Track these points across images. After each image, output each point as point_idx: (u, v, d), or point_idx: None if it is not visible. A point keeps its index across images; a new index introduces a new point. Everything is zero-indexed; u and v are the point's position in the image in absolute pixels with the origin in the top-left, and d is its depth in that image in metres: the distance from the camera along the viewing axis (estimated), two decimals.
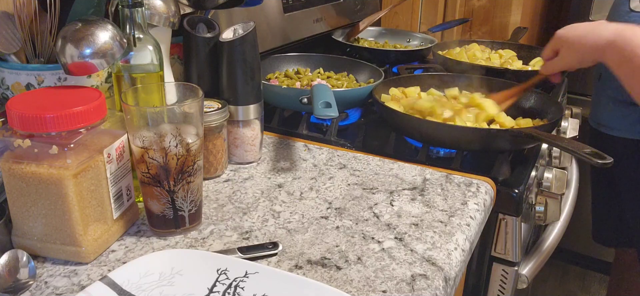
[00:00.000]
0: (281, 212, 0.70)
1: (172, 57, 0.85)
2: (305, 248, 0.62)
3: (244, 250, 0.61)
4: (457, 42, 1.44)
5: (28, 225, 0.58)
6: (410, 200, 0.73)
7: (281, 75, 1.11)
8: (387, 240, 0.64)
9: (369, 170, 0.82)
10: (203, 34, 0.80)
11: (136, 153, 0.60)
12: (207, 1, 0.81)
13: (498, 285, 0.87)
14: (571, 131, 1.22)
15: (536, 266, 0.93)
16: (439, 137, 0.87)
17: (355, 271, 0.58)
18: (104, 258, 0.60)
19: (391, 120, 0.92)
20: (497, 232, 0.83)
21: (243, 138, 0.82)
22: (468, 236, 0.67)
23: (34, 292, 0.54)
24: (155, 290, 0.53)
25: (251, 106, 0.81)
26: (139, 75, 0.66)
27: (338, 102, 0.79)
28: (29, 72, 0.65)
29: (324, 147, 0.90)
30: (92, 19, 0.61)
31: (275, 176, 0.80)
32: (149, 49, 0.66)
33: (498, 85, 1.06)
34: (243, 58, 0.78)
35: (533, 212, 0.94)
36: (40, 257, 0.59)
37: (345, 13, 1.46)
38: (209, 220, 0.68)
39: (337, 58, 1.18)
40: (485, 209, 0.74)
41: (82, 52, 0.59)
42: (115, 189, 0.61)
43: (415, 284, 0.57)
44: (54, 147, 0.54)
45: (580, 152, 0.72)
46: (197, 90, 0.64)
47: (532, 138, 0.81)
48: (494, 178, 0.80)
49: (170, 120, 0.60)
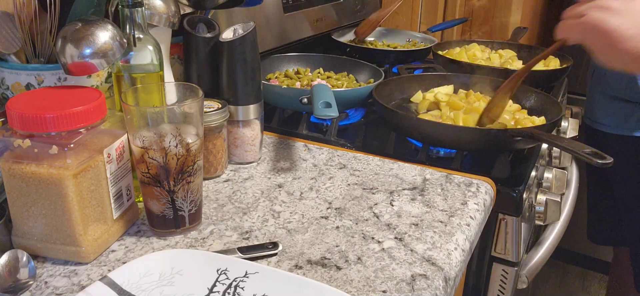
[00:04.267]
0: (281, 212, 0.70)
1: (172, 57, 0.85)
2: (305, 248, 0.62)
3: (244, 250, 0.61)
4: (457, 42, 1.44)
5: (28, 225, 0.58)
6: (410, 200, 0.73)
7: (281, 75, 1.11)
8: (387, 240, 0.64)
9: (369, 170, 0.82)
10: (203, 34, 0.80)
11: (136, 153, 0.60)
12: (207, 1, 0.81)
13: (498, 285, 0.87)
14: (571, 131, 1.23)
15: (536, 266, 0.93)
16: (439, 137, 0.87)
17: (355, 271, 0.58)
18: (104, 258, 0.60)
19: (391, 120, 0.92)
20: (497, 232, 0.83)
21: (243, 138, 0.82)
22: (468, 236, 0.67)
23: (34, 292, 0.54)
24: (155, 290, 0.53)
25: (251, 106, 0.81)
26: (139, 75, 0.66)
27: (338, 102, 0.79)
28: (29, 72, 0.65)
29: (324, 147, 0.90)
30: (92, 19, 0.61)
31: (275, 176, 0.80)
32: (149, 49, 0.66)
33: (498, 85, 1.06)
34: (243, 58, 0.78)
35: (533, 211, 0.94)
36: (40, 257, 0.59)
37: (345, 13, 1.46)
38: (209, 220, 0.68)
39: (337, 58, 1.18)
40: (485, 209, 0.74)
41: (82, 52, 0.59)
42: (115, 189, 0.61)
43: (415, 284, 0.57)
44: (54, 147, 0.54)
45: (580, 152, 0.72)
46: (197, 90, 0.64)
47: (532, 138, 0.81)
48: (494, 178, 0.80)
49: (170, 120, 0.60)
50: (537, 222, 0.96)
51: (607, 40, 0.66)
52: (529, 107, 1.01)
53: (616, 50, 0.66)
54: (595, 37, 0.67)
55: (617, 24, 0.65)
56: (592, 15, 0.66)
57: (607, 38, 0.66)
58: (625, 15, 0.65)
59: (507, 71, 1.20)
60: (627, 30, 0.64)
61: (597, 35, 0.67)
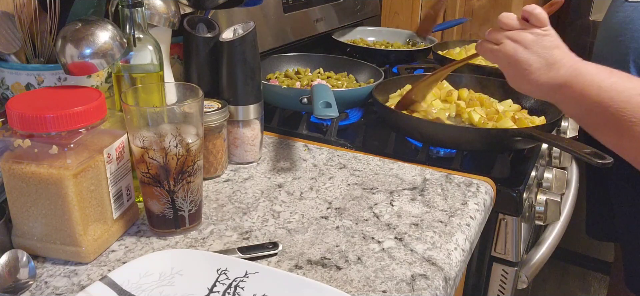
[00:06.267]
0: (281, 212, 0.70)
1: (172, 57, 0.85)
2: (305, 248, 0.62)
3: (244, 250, 0.61)
4: (457, 42, 1.44)
5: (28, 225, 0.58)
6: (410, 200, 0.73)
7: (281, 75, 1.11)
8: (387, 240, 0.64)
9: (369, 170, 0.82)
10: (203, 34, 0.80)
11: (136, 153, 0.60)
12: (207, 1, 0.81)
13: (498, 285, 0.87)
14: (571, 131, 1.22)
15: (536, 266, 0.93)
16: (439, 137, 0.87)
17: (355, 271, 0.58)
18: (104, 258, 0.60)
19: (391, 120, 0.92)
20: (497, 232, 0.83)
21: (243, 138, 0.82)
22: (468, 236, 0.67)
23: (34, 292, 0.54)
24: (155, 290, 0.53)
25: (251, 106, 0.81)
26: (139, 75, 0.66)
27: (338, 102, 0.79)
28: (29, 72, 0.65)
29: (324, 147, 0.90)
30: (92, 19, 0.61)
31: (275, 176, 0.80)
32: (149, 49, 0.66)
33: (497, 84, 1.06)
34: (243, 58, 0.78)
35: (533, 211, 0.94)
36: (40, 257, 0.59)
37: (345, 13, 1.46)
38: (209, 220, 0.68)
39: (337, 58, 1.18)
40: (485, 209, 0.74)
41: (82, 52, 0.59)
42: (115, 189, 0.61)
43: (415, 284, 0.57)
44: (54, 147, 0.54)
45: (580, 152, 0.72)
46: (197, 90, 0.64)
47: (532, 138, 0.81)
48: (494, 178, 0.80)
49: (170, 120, 0.60)
50: (537, 222, 0.96)
51: (517, 71, 0.74)
52: (529, 107, 1.01)
53: (524, 80, 0.74)
54: (507, 66, 0.75)
55: (526, 57, 0.72)
56: (507, 45, 0.73)
57: (517, 68, 0.73)
58: (534, 50, 0.72)
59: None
60: (534, 64, 0.72)
61: (509, 65, 0.74)
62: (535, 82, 0.73)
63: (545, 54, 0.72)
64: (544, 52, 0.72)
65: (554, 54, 0.72)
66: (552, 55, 0.72)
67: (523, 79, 0.74)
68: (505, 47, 0.74)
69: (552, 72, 0.71)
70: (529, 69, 0.72)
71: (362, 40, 1.49)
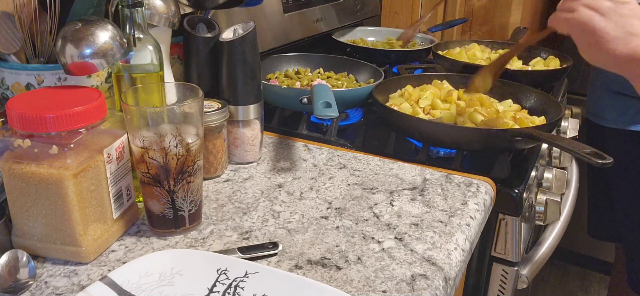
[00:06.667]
0: (281, 212, 0.70)
1: (172, 57, 0.85)
2: (305, 248, 0.62)
3: (244, 250, 0.61)
4: (457, 42, 1.44)
5: (28, 225, 0.58)
6: (410, 200, 0.73)
7: (281, 75, 1.11)
8: (387, 240, 0.64)
9: (369, 170, 0.82)
10: (203, 34, 0.80)
11: (136, 153, 0.60)
12: (207, 1, 0.81)
13: (498, 285, 0.87)
14: (571, 131, 1.22)
15: (536, 266, 0.93)
16: (439, 137, 0.87)
17: (355, 271, 0.58)
18: (104, 258, 0.60)
19: (391, 120, 0.92)
20: (497, 232, 0.83)
21: (243, 138, 0.82)
22: (468, 236, 0.67)
23: (34, 292, 0.54)
24: (155, 290, 0.53)
25: (251, 106, 0.81)
26: (139, 75, 0.66)
27: (338, 102, 0.79)
28: (29, 72, 0.65)
29: (324, 147, 0.90)
30: (92, 19, 0.61)
31: (275, 176, 0.80)
32: (149, 49, 0.66)
33: (497, 84, 1.06)
34: (243, 58, 0.78)
35: (533, 211, 0.94)
36: (40, 257, 0.59)
37: (345, 13, 1.46)
38: (209, 220, 0.68)
39: (337, 58, 1.18)
40: (485, 209, 0.74)
41: (82, 52, 0.59)
42: (115, 189, 0.61)
43: (415, 284, 0.57)
44: (54, 147, 0.54)
45: (580, 152, 0.72)
46: (197, 90, 0.64)
47: (532, 138, 0.81)
48: (494, 178, 0.80)
49: (170, 120, 0.60)
50: (537, 222, 0.96)
51: (591, 39, 0.68)
52: (529, 107, 1.01)
53: (599, 50, 0.68)
54: (581, 34, 0.70)
55: (603, 25, 0.67)
56: (582, 12, 0.68)
57: (592, 37, 0.68)
58: (612, 18, 0.67)
59: (506, 71, 1.20)
60: (611, 32, 0.67)
61: (583, 33, 0.69)
62: (612, 52, 0.67)
63: (623, 23, 0.66)
64: (623, 20, 0.67)
65: (633, 24, 0.66)
66: (632, 24, 0.66)
67: (598, 49, 0.68)
68: (580, 14, 0.69)
69: (632, 42, 0.66)
70: (605, 37, 0.67)
71: (362, 40, 1.49)
